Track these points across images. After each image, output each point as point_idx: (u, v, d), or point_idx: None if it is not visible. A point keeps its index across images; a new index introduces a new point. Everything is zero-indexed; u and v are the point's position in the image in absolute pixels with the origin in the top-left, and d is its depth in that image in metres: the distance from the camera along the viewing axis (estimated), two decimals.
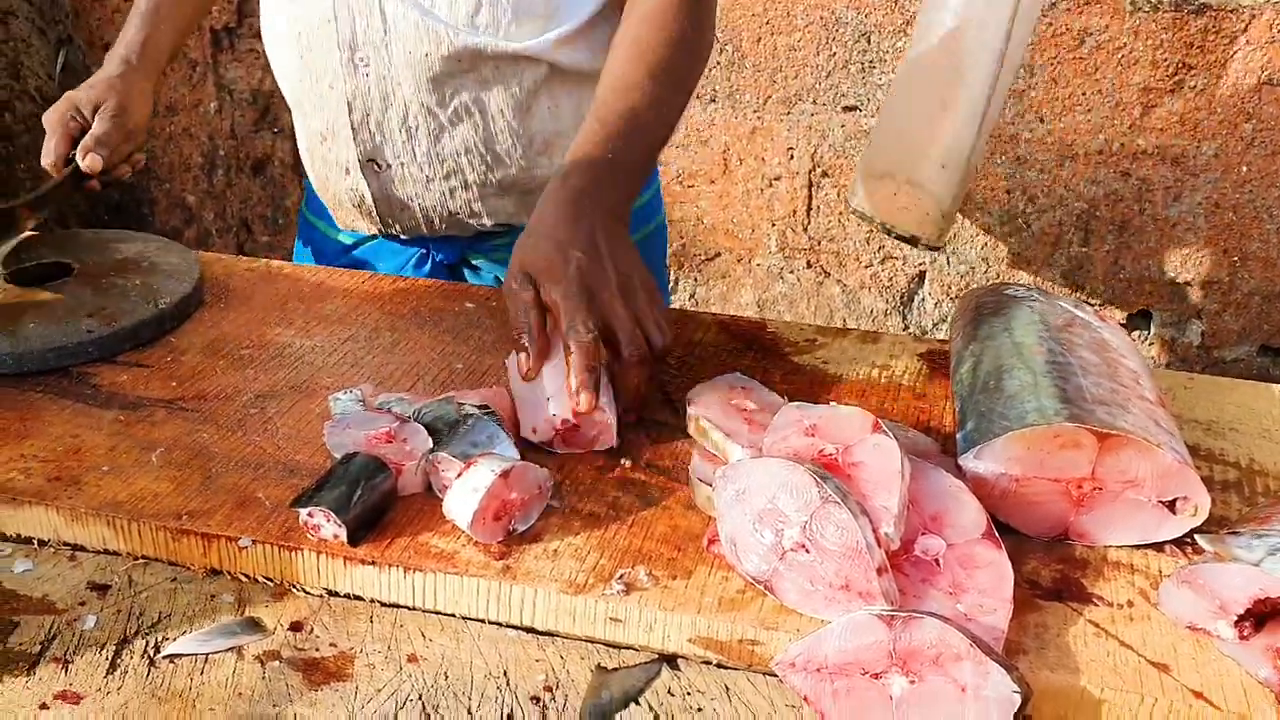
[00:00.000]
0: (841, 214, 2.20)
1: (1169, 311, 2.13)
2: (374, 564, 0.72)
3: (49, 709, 0.65)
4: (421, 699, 0.65)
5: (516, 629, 0.71)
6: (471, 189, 1.19)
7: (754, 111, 2.17)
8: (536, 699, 0.66)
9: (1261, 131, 1.93)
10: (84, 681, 0.66)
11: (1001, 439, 0.74)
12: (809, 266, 2.28)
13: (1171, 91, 1.95)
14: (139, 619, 0.71)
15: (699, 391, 0.87)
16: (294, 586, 0.74)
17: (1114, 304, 2.15)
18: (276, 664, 0.68)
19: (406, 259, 1.27)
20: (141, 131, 1.20)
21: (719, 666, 0.69)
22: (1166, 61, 1.93)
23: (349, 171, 1.20)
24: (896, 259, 2.22)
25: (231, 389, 0.92)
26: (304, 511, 0.74)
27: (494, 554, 0.73)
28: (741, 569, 0.70)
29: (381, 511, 0.76)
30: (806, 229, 2.24)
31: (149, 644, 0.69)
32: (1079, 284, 2.15)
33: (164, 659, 0.68)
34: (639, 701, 0.66)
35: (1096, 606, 0.69)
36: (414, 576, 0.72)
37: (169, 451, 0.83)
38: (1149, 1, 1.89)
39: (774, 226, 2.27)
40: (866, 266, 2.24)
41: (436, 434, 0.80)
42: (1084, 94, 1.99)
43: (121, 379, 0.94)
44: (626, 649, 0.70)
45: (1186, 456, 0.74)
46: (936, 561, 0.69)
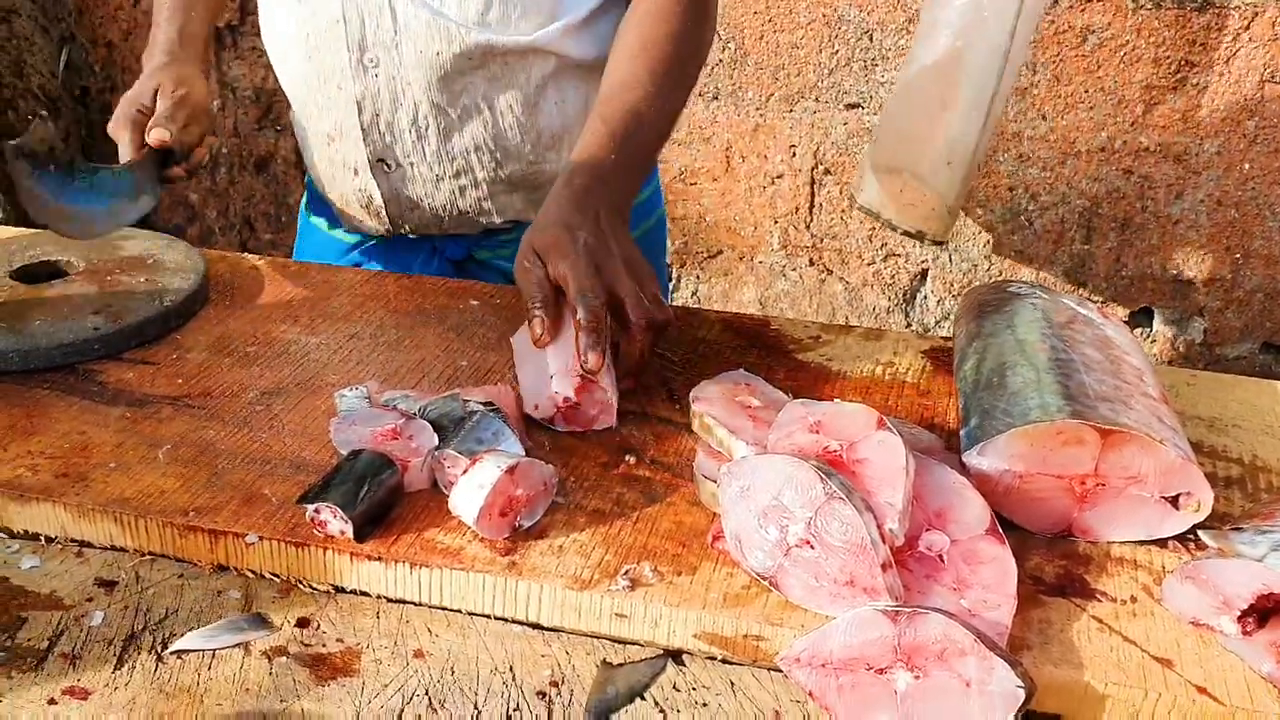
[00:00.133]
0: (844, 211, 2.21)
1: (1171, 309, 2.13)
2: (380, 560, 0.72)
3: (57, 704, 0.65)
4: (428, 694, 0.66)
5: (522, 624, 0.72)
6: (481, 186, 1.19)
7: (756, 109, 2.18)
8: (542, 694, 0.66)
9: (1264, 129, 1.93)
10: (92, 677, 0.67)
11: (1005, 435, 0.74)
12: (811, 264, 2.28)
13: (1174, 89, 1.95)
14: (146, 615, 0.72)
15: (703, 388, 0.87)
16: (300, 583, 0.75)
17: (1116, 301, 2.15)
18: (283, 660, 0.68)
19: (412, 257, 1.28)
20: (204, 112, 1.16)
21: (724, 662, 0.69)
22: (1169, 59, 1.93)
23: (358, 172, 1.20)
24: (899, 256, 2.22)
25: (237, 386, 0.92)
26: (310, 508, 0.74)
27: (499, 550, 0.73)
28: (746, 565, 0.70)
29: (388, 508, 0.76)
30: (809, 226, 2.24)
31: (156, 640, 0.69)
32: (1081, 281, 2.15)
33: (171, 655, 0.68)
34: (644, 697, 0.66)
35: (1100, 602, 0.70)
36: (420, 572, 0.72)
37: (175, 448, 0.83)
38: None
39: (776, 224, 2.27)
40: (869, 264, 2.24)
41: (442, 430, 0.81)
42: (1086, 91, 1.99)
43: (128, 376, 0.94)
44: (632, 644, 0.70)
45: (1189, 452, 0.74)
46: (941, 557, 0.70)
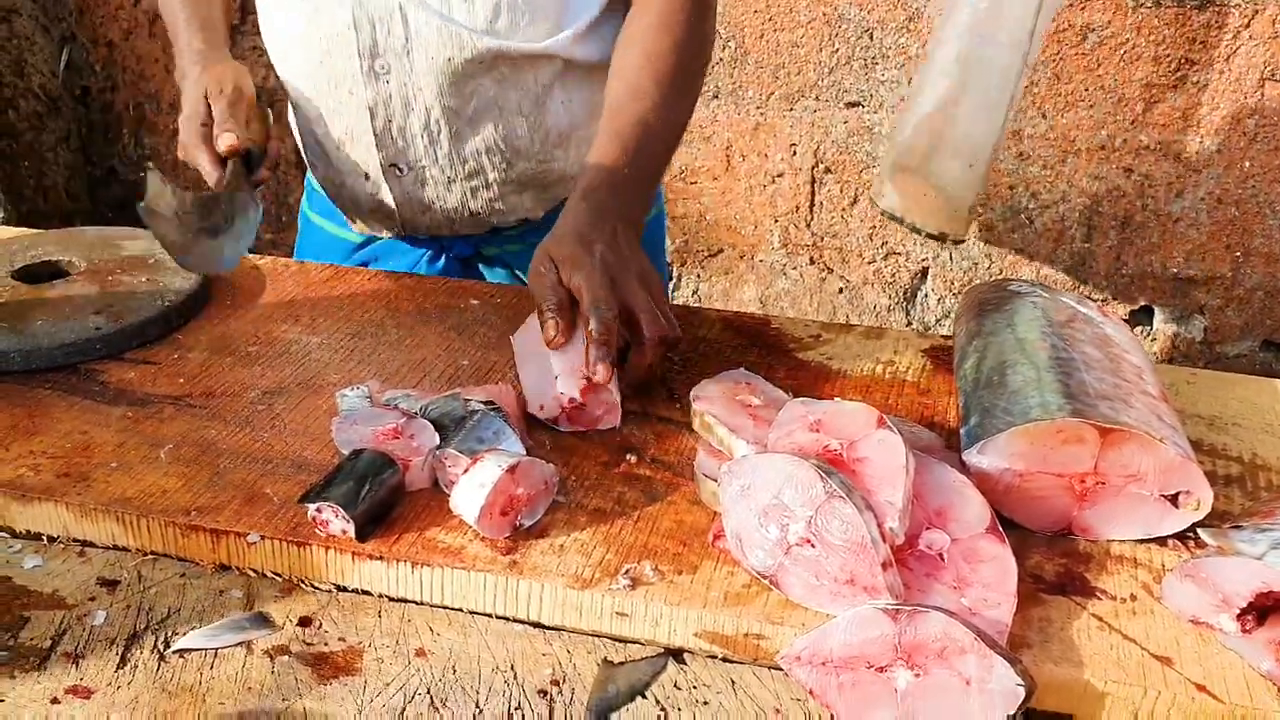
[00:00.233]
0: (844, 210, 2.21)
1: (1172, 307, 2.13)
2: (382, 559, 0.73)
3: (60, 703, 0.65)
4: (429, 693, 0.66)
5: (523, 623, 0.72)
6: (492, 187, 1.20)
7: (757, 108, 2.18)
8: (543, 692, 0.66)
9: (1264, 127, 1.93)
10: (94, 676, 0.67)
11: (1005, 434, 0.74)
12: (812, 263, 2.29)
13: (1174, 87, 1.95)
14: (148, 614, 0.72)
15: (704, 387, 0.87)
16: (302, 582, 0.75)
17: (1117, 299, 2.15)
18: (285, 659, 0.68)
19: (419, 256, 1.28)
20: (256, 104, 1.13)
21: (725, 661, 0.69)
22: (1169, 57, 1.93)
23: (369, 176, 1.20)
24: (899, 255, 2.22)
25: (239, 386, 0.93)
26: (312, 507, 0.74)
27: (501, 549, 0.73)
28: (747, 564, 0.71)
29: (389, 507, 0.76)
30: (809, 225, 2.25)
31: (159, 639, 0.70)
32: (1082, 280, 2.15)
33: (174, 654, 0.68)
34: (645, 695, 0.66)
35: (1100, 600, 0.70)
36: (421, 571, 0.72)
37: (177, 448, 0.84)
38: None
39: (777, 223, 2.27)
40: (869, 262, 2.24)
41: (443, 430, 0.81)
42: (1086, 90, 1.99)
43: (129, 376, 0.94)
44: (633, 643, 0.70)
45: (1189, 451, 0.74)
46: (941, 556, 0.70)
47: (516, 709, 0.65)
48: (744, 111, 2.19)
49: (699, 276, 2.39)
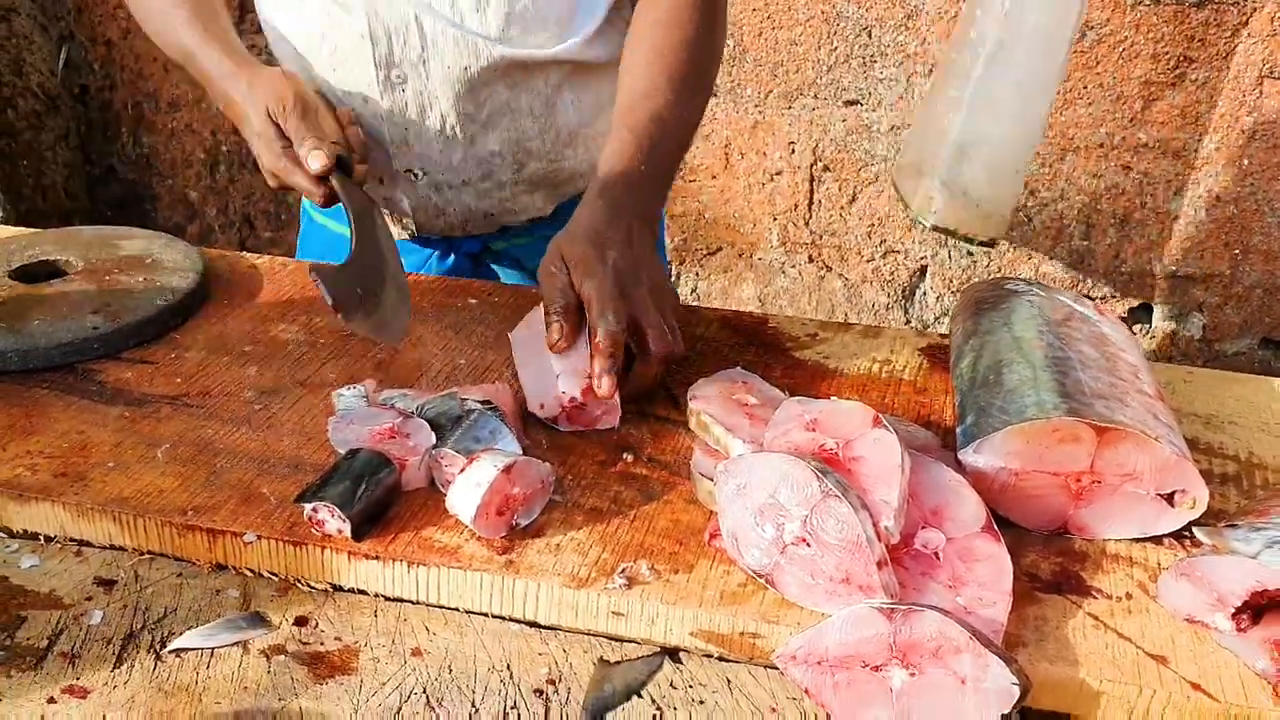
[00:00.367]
0: (843, 208, 2.21)
1: (1170, 305, 2.13)
2: (378, 559, 0.73)
3: (56, 703, 0.65)
4: (426, 692, 0.66)
5: (519, 623, 0.72)
6: (505, 188, 1.20)
7: (755, 106, 2.18)
8: (539, 692, 0.66)
9: (1262, 125, 1.93)
10: (91, 676, 0.67)
11: (1001, 433, 0.74)
12: (810, 261, 2.29)
13: (1173, 85, 1.95)
14: (145, 614, 0.72)
15: (700, 386, 0.87)
16: (299, 581, 0.75)
17: (1115, 297, 2.15)
18: (282, 658, 0.68)
19: (428, 254, 1.28)
20: (320, 105, 1.08)
21: (721, 660, 0.69)
22: (1167, 55, 1.93)
23: (383, 181, 1.20)
24: (898, 253, 2.22)
25: (236, 385, 0.93)
26: (308, 507, 0.74)
27: (497, 548, 0.73)
28: (743, 563, 0.71)
29: (385, 506, 0.76)
30: (808, 223, 2.25)
31: (155, 639, 0.70)
32: (1081, 277, 2.15)
33: (170, 653, 0.69)
34: (641, 694, 0.66)
35: (1095, 599, 0.70)
36: (418, 571, 0.72)
37: (174, 448, 0.84)
38: None
39: (775, 221, 2.27)
40: (868, 261, 2.24)
41: (440, 429, 0.81)
42: (1085, 87, 1.99)
43: (126, 375, 0.94)
44: (629, 642, 0.70)
45: (1185, 450, 0.74)
46: (936, 555, 0.70)
47: (512, 708, 0.65)
48: (743, 109, 2.19)
49: (698, 274, 2.39)
